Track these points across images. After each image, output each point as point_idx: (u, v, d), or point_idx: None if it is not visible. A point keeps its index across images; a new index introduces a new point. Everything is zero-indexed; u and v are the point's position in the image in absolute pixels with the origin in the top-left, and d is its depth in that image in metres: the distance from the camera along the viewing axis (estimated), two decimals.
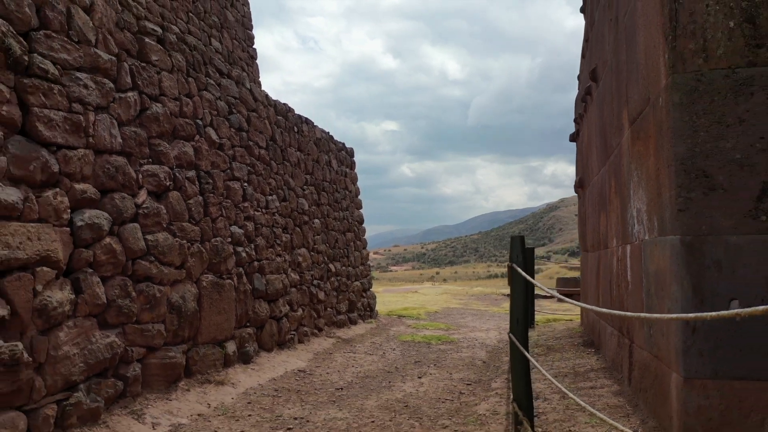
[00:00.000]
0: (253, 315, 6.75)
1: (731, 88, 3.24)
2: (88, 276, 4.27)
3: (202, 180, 5.97)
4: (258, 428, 4.53)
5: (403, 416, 4.80)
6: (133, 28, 5.22)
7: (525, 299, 3.99)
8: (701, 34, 3.29)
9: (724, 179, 3.23)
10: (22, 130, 3.93)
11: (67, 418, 3.97)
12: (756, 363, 3.12)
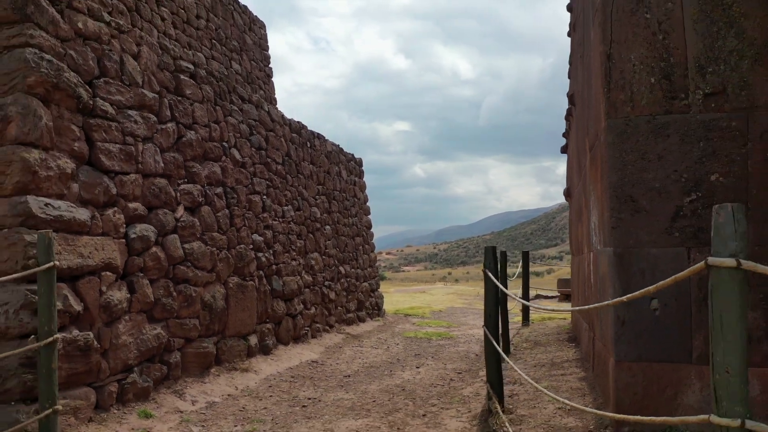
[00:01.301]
0: (272, 312, 7.68)
1: (652, 131, 4.08)
2: (139, 279, 5.21)
3: (228, 195, 6.91)
4: (278, 406, 5.45)
5: (399, 397, 5.68)
6: (170, 68, 6.17)
7: (496, 299, 4.85)
8: (629, 88, 4.14)
9: (646, 203, 4.08)
10: (88, 161, 4.88)
11: (125, 394, 4.91)
12: (669, 349, 3.96)
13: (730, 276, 1.68)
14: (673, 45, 4.08)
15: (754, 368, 3.89)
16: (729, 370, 1.67)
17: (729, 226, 1.69)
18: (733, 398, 1.66)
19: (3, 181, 4.24)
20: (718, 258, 1.70)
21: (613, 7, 4.20)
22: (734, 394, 1.66)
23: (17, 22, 4.42)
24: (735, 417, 1.66)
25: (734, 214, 1.69)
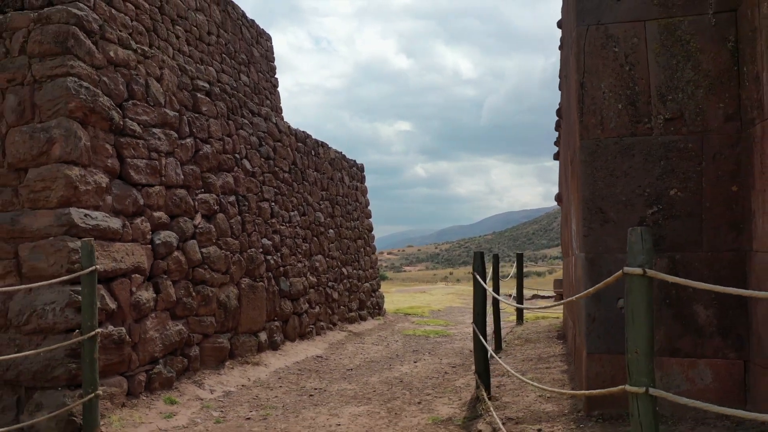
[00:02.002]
0: (280, 311, 8.25)
1: (619, 151, 4.64)
2: (163, 280, 5.79)
3: (240, 203, 7.48)
4: (288, 395, 6.02)
5: (398, 388, 6.25)
6: (189, 87, 6.74)
7: (484, 299, 5.42)
8: (600, 113, 4.70)
9: (614, 215, 4.64)
10: (119, 175, 5.46)
11: (152, 383, 5.49)
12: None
13: (639, 281, 2.24)
14: (638, 75, 4.64)
15: (707, 359, 4.46)
16: (638, 351, 2.23)
17: (638, 244, 2.25)
18: (640, 372, 2.22)
19: (48, 195, 4.82)
20: (631, 268, 2.27)
21: (586, 41, 4.76)
22: (641, 369, 2.22)
23: (59, 54, 5.00)
24: (641, 386, 2.22)
25: (642, 235, 2.26)
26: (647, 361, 2.23)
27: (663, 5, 4.61)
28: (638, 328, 2.23)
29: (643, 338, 2.22)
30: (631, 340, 2.26)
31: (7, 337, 4.72)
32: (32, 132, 4.91)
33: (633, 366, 2.24)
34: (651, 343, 2.25)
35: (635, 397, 2.24)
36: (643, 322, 2.23)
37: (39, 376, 4.56)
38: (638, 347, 2.23)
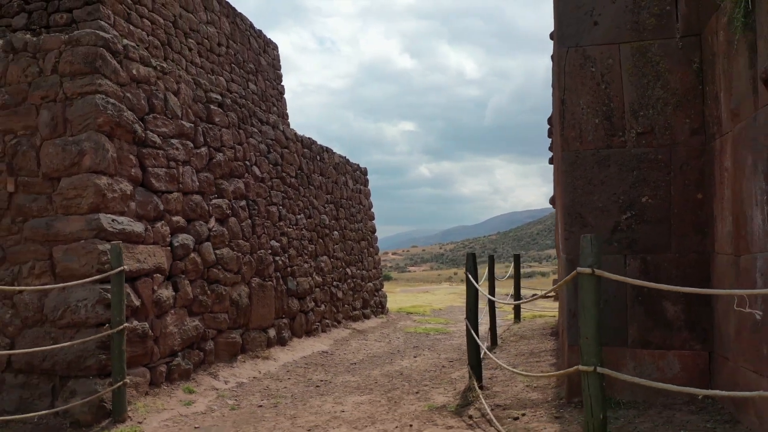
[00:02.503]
0: (287, 309, 8.75)
1: (596, 162, 5.11)
2: (181, 280, 6.29)
3: (250, 207, 7.98)
4: (296, 386, 6.52)
5: (398, 380, 6.73)
6: (203, 100, 7.25)
7: (475, 297, 5.89)
8: (578, 127, 5.17)
9: (592, 220, 5.10)
10: (142, 183, 5.97)
11: (172, 374, 5.99)
12: (610, 336, 4.98)
13: (588, 279, 2.72)
14: (613, 93, 5.11)
15: (675, 351, 4.93)
16: (587, 338, 2.71)
17: (588, 248, 2.73)
18: (590, 354, 2.70)
19: (80, 202, 5.32)
20: (582, 268, 2.74)
21: (566, 62, 5.23)
22: (591, 352, 2.70)
23: (88, 74, 5.51)
24: (591, 365, 2.70)
25: (591, 242, 2.73)
26: (596, 345, 2.70)
27: (635, 30, 5.08)
28: (588, 317, 2.71)
29: (592, 326, 2.70)
30: (582, 328, 2.74)
31: (43, 330, 5.23)
32: (64, 145, 5.42)
33: (584, 349, 2.72)
34: (598, 330, 2.72)
35: (586, 375, 2.72)
36: (591, 313, 2.71)
37: (72, 365, 5.06)
38: (588, 334, 2.71)
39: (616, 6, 5.13)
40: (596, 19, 5.18)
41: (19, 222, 5.47)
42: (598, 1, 5.18)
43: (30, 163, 5.51)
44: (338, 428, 4.80)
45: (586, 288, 2.72)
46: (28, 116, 5.58)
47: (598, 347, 2.70)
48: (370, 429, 4.75)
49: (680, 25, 4.99)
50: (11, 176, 5.53)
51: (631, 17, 5.10)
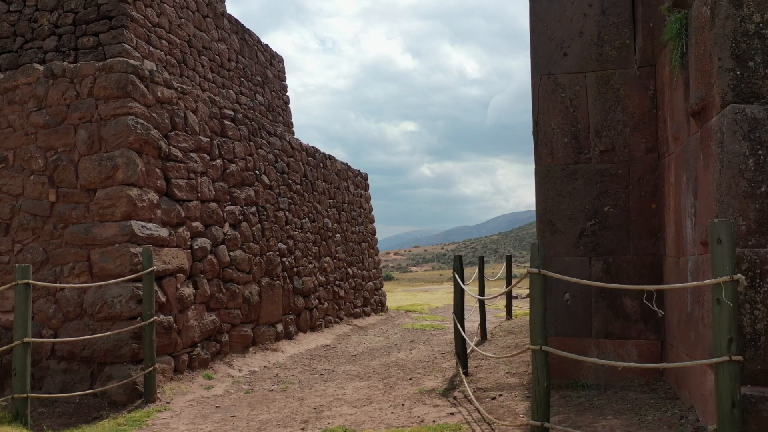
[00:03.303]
0: (294, 306, 9.51)
1: (565, 176, 5.85)
2: (200, 279, 7.05)
3: (260, 213, 8.74)
4: (302, 374, 7.27)
5: (394, 369, 7.48)
6: (217, 116, 8.00)
7: (461, 295, 6.64)
8: (550, 145, 5.91)
9: (561, 226, 5.84)
10: (166, 193, 6.73)
11: (192, 362, 6.75)
12: (577, 327, 5.72)
13: (536, 277, 3.46)
14: (579, 115, 5.85)
15: (633, 340, 5.66)
16: (536, 323, 3.45)
17: (536, 252, 3.47)
18: (537, 336, 3.44)
19: (114, 210, 6.09)
20: (532, 268, 3.49)
21: (540, 88, 5.98)
22: (538, 334, 3.44)
23: (120, 97, 6.27)
24: (538, 345, 3.44)
25: (539, 248, 3.47)
26: (542, 329, 3.45)
27: (599, 60, 5.82)
28: (536, 307, 3.46)
29: (539, 314, 3.45)
30: (531, 315, 3.49)
31: (83, 323, 5.99)
32: (100, 160, 6.18)
33: (533, 332, 3.47)
34: (544, 316, 3.47)
35: (534, 352, 3.46)
36: (539, 304, 3.45)
37: (109, 353, 5.82)
38: (536, 320, 3.46)
39: (582, 39, 5.88)
40: (566, 51, 5.93)
41: (60, 228, 6.23)
42: (567, 35, 5.92)
43: (69, 176, 6.27)
44: (340, 407, 5.55)
45: (534, 284, 3.46)
46: (67, 135, 6.34)
47: (544, 330, 3.44)
48: (367, 407, 5.50)
49: (637, 57, 5.73)
50: (53, 188, 6.30)
51: (596, 49, 5.84)
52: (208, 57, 10.52)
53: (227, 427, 4.96)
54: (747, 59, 3.70)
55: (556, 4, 5.99)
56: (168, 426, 5.05)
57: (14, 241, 6.32)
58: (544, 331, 3.44)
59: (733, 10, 3.74)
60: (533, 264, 3.46)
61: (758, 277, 3.40)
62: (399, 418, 5.00)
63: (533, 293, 3.48)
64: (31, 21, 8.67)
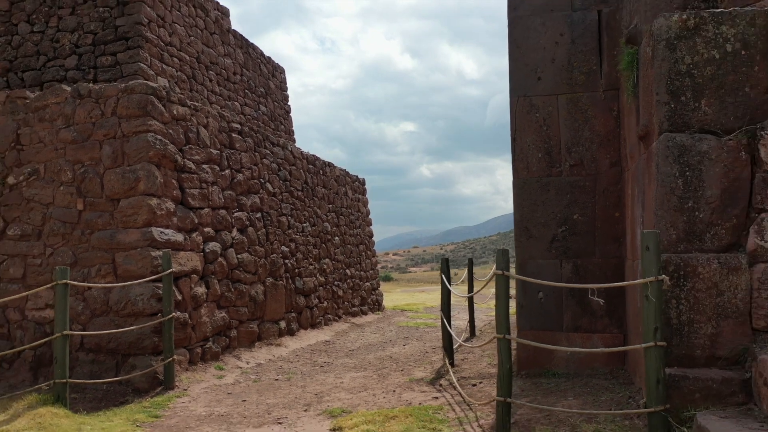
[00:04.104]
0: (295, 304, 10.21)
1: (539, 187, 6.55)
2: (211, 279, 7.76)
3: (264, 218, 9.45)
4: (304, 366, 7.97)
5: (387, 361, 8.18)
6: (226, 129, 8.71)
7: (448, 294, 7.34)
8: (526, 159, 6.62)
9: (536, 232, 6.54)
10: (181, 202, 7.43)
11: (205, 355, 7.45)
12: (549, 322, 6.42)
13: (500, 278, 4.16)
14: (552, 133, 6.56)
15: (598, 333, 6.37)
16: (500, 315, 4.16)
17: (500, 257, 4.17)
18: (501, 326, 4.15)
19: (136, 218, 6.79)
20: (497, 270, 4.19)
21: (517, 108, 6.68)
22: (502, 325, 4.15)
23: (141, 116, 6.98)
24: (501, 333, 4.15)
25: (503, 253, 4.17)
26: (505, 321, 4.15)
27: (569, 84, 6.53)
28: (500, 303, 4.16)
29: (503, 308, 4.15)
30: (497, 309, 4.19)
31: (108, 319, 6.69)
32: (123, 173, 6.89)
33: (498, 323, 4.17)
34: (507, 311, 4.17)
35: (499, 341, 4.17)
36: (503, 300, 4.16)
37: (132, 345, 6.52)
38: (500, 314, 4.16)
39: (555, 65, 6.59)
40: (540, 75, 6.63)
41: (87, 234, 6.93)
42: (541, 61, 6.63)
43: (95, 187, 6.97)
44: (338, 393, 6.26)
45: (499, 284, 4.16)
46: (93, 150, 7.04)
47: (507, 323, 4.14)
48: (362, 393, 6.20)
49: (603, 82, 6.44)
50: (80, 197, 7.00)
51: (567, 74, 6.55)
52: (215, 71, 11.22)
53: (239, 409, 5.66)
54: (680, 94, 4.41)
55: (532, 33, 6.69)
56: (187, 408, 5.75)
57: (46, 245, 7.02)
58: (507, 323, 4.15)
59: (668, 53, 4.45)
60: (498, 266, 4.16)
61: (683, 278, 4.11)
62: (390, 402, 5.70)
63: (498, 291, 4.19)
64: (53, 41, 9.37)
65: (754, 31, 4.35)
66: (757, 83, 4.33)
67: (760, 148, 4.16)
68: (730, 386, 3.88)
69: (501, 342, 4.14)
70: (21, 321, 6.97)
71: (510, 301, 4.44)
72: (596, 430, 4.12)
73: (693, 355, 4.06)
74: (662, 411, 3.78)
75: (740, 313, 4.01)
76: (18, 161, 7.28)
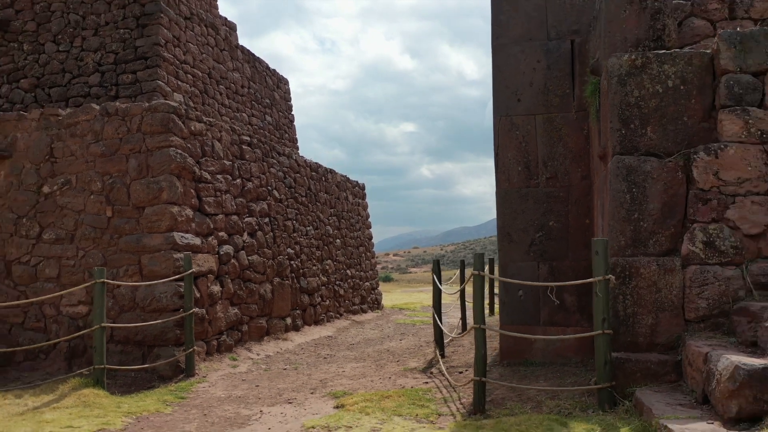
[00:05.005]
0: (300, 303, 11.02)
1: (519, 197, 7.36)
2: (225, 279, 8.57)
3: (272, 223, 10.26)
4: (309, 357, 8.79)
5: (385, 354, 9.00)
6: (237, 142, 9.52)
7: (439, 293, 8.15)
8: (507, 172, 7.42)
9: (516, 237, 7.35)
10: (198, 209, 8.25)
11: (220, 347, 8.26)
12: (527, 317, 7.22)
13: (477, 277, 4.97)
14: (530, 149, 7.37)
15: (572, 327, 7.16)
16: (477, 309, 4.97)
17: (477, 259, 4.98)
18: (478, 318, 4.96)
19: (159, 224, 7.60)
20: (474, 271, 5.00)
21: (499, 126, 7.49)
22: (478, 317, 4.96)
23: (163, 133, 7.79)
24: (478, 324, 4.96)
25: (479, 257, 4.98)
26: (481, 313, 4.96)
27: (545, 105, 7.34)
28: (477, 300, 4.98)
29: (479, 303, 4.96)
30: (474, 304, 5.00)
31: (135, 314, 7.50)
32: (148, 183, 7.70)
33: (475, 315, 4.98)
34: (482, 306, 4.98)
35: (476, 330, 4.98)
36: (479, 296, 4.97)
37: (157, 338, 7.34)
38: (476, 308, 4.97)
39: (533, 89, 7.40)
40: (519, 97, 7.44)
41: (115, 238, 7.74)
42: (520, 85, 7.44)
43: (123, 196, 7.79)
44: (341, 380, 7.07)
45: (475, 283, 4.97)
46: (120, 163, 7.86)
47: (482, 314, 4.94)
48: (362, 380, 7.01)
49: (575, 104, 7.25)
50: (109, 205, 7.81)
51: (543, 97, 7.36)
52: (224, 85, 12.04)
53: (254, 392, 6.47)
54: (629, 123, 5.22)
55: (512, 59, 7.50)
56: (208, 392, 6.57)
57: (78, 248, 7.84)
58: (482, 315, 4.95)
59: (620, 87, 5.26)
60: (475, 268, 4.97)
61: (628, 277, 4.92)
62: (386, 386, 6.52)
63: (475, 289, 4.99)
64: (78, 60, 10.19)
65: (691, 69, 5.17)
66: (693, 114, 5.14)
67: (693, 170, 4.97)
68: (664, 367, 4.69)
69: (477, 331, 4.95)
70: (56, 316, 7.79)
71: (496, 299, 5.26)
72: (557, 405, 4.93)
73: (636, 341, 4.87)
74: (608, 387, 4.59)
75: (675, 307, 4.82)
76: (52, 172, 8.09)
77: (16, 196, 8.09)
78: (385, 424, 4.74)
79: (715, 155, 4.94)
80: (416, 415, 5.04)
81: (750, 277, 4.68)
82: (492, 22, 7.64)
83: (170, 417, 5.44)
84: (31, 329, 7.82)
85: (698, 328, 4.73)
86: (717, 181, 4.92)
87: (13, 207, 8.10)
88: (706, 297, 4.74)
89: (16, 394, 6.01)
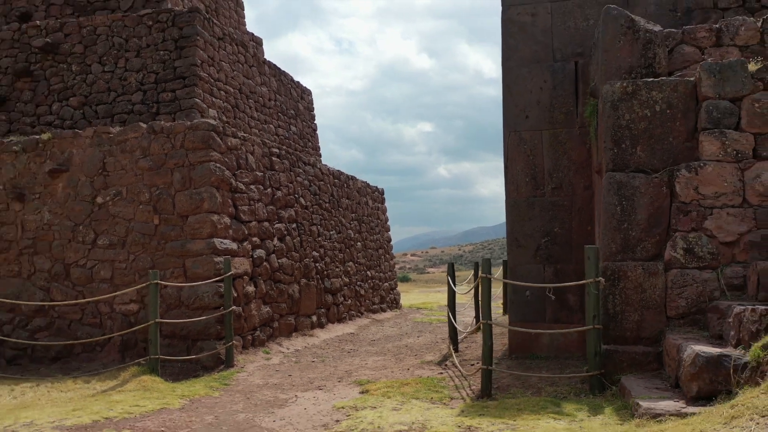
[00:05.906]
0: (324, 302, 11.84)
1: (527, 206, 8.06)
2: (258, 280, 9.41)
3: (299, 228, 11.09)
4: (334, 351, 9.59)
5: (404, 349, 9.76)
6: (267, 154, 10.37)
7: (453, 293, 8.89)
8: (516, 182, 8.13)
9: (524, 242, 8.05)
10: (235, 217, 9.10)
11: (254, 342, 9.10)
12: (534, 316, 7.92)
13: (485, 279, 5.71)
14: (537, 162, 8.07)
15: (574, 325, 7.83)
16: (485, 307, 5.70)
17: (485, 264, 5.72)
18: (485, 314, 5.70)
19: (201, 231, 8.46)
20: (483, 274, 5.74)
21: (509, 141, 8.21)
22: (485, 314, 5.70)
23: (204, 149, 8.65)
24: (486, 319, 5.70)
25: (485, 262, 5.72)
26: (488, 310, 5.70)
27: (551, 122, 8.03)
28: (484, 299, 5.72)
29: (486, 302, 5.70)
30: (482, 303, 5.74)
31: (180, 311, 8.37)
32: (190, 195, 8.57)
33: (483, 313, 5.72)
34: (489, 304, 5.72)
35: (483, 324, 5.72)
36: (486, 296, 5.71)
37: (200, 332, 8.19)
38: (484, 306, 5.71)
39: (539, 107, 8.10)
40: (527, 114, 8.15)
41: (162, 243, 8.62)
42: (528, 103, 8.15)
43: (168, 206, 8.67)
44: (364, 370, 7.85)
45: (483, 284, 5.70)
46: (166, 176, 8.74)
47: (489, 310, 5.67)
48: (383, 371, 7.79)
49: (578, 120, 7.94)
50: (156, 214, 8.70)
51: (549, 114, 8.06)
52: (253, 99, 12.91)
53: (288, 381, 7.29)
54: (621, 143, 5.92)
55: (521, 79, 8.22)
56: (247, 380, 7.40)
57: (129, 252, 8.74)
58: (489, 312, 5.69)
59: (612, 111, 5.96)
60: (482, 271, 5.71)
61: (617, 279, 5.61)
62: (404, 375, 7.28)
63: (482, 290, 5.73)
64: (122, 79, 11.13)
65: (676, 95, 5.85)
66: (678, 135, 5.83)
67: (676, 185, 5.66)
68: (648, 357, 5.39)
69: (484, 326, 5.69)
70: (110, 313, 8.69)
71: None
72: (554, 390, 5.65)
73: (624, 335, 5.57)
74: (598, 375, 5.30)
75: (658, 305, 5.51)
76: (105, 185, 9.01)
77: (73, 206, 9.02)
78: (404, 405, 5.50)
79: (696, 172, 5.62)
80: (431, 398, 5.79)
81: (724, 280, 5.35)
82: (502, 45, 8.36)
83: (219, 399, 6.27)
84: (88, 324, 8.74)
85: (678, 323, 5.41)
86: (697, 195, 5.60)
87: (71, 216, 9.03)
88: (686, 297, 5.42)
89: (85, 380, 6.90)
